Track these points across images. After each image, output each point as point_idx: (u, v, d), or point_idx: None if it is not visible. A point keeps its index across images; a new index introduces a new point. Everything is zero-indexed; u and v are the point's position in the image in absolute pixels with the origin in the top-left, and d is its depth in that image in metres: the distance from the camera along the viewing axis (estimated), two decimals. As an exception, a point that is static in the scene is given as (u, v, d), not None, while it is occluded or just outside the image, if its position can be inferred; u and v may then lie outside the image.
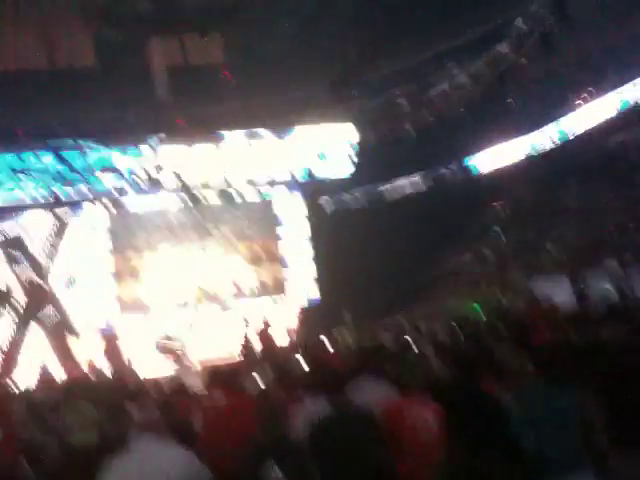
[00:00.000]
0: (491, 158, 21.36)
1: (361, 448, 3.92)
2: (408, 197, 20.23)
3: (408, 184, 21.48)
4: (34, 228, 18.89)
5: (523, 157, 20.38)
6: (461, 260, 19.85)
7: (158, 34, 19.08)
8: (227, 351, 15.97)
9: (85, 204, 18.98)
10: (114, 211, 19.33)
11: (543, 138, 19.91)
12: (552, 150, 19.32)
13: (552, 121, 19.60)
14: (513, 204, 20.48)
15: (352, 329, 13.60)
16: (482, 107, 18.84)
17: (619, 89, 17.88)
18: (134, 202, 19.54)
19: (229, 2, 18.31)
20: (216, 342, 17.64)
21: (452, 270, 19.82)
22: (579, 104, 18.83)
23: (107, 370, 16.63)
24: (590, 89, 18.13)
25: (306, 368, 6.76)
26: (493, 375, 4.73)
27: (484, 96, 18.93)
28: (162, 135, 18.88)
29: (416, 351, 6.41)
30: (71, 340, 18.69)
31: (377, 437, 4.01)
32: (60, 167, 17.79)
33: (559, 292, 10.50)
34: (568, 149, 18.65)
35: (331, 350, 8.01)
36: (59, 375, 16.17)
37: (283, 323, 18.90)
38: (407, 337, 8.36)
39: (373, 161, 19.07)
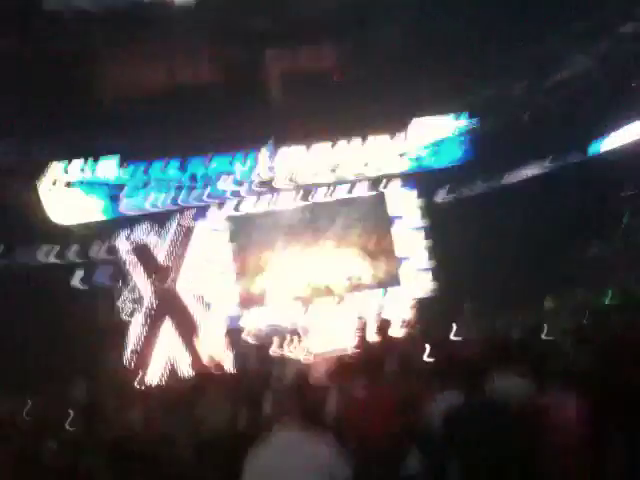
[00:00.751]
0: (618, 142, 20.11)
1: (500, 443, 3.81)
2: (528, 187, 19.45)
3: (528, 173, 20.71)
4: (161, 234, 20.15)
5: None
6: (594, 252, 18.87)
7: (274, 46, 19.66)
8: (343, 345, 16.29)
9: (207, 210, 19.96)
10: (234, 215, 20.19)
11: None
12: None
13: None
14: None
15: (478, 324, 13.29)
16: (606, 92, 17.85)
17: None
18: (252, 205, 20.30)
19: (341, 17, 18.53)
20: (332, 336, 18.04)
21: (584, 263, 18.87)
22: None
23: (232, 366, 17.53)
24: None
25: (436, 362, 6.65)
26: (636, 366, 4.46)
27: (607, 81, 17.92)
28: (277, 140, 19.45)
29: (552, 344, 6.14)
30: (199, 339, 19.72)
31: (516, 432, 3.89)
32: (183, 176, 18.72)
33: None
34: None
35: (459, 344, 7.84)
36: (189, 372, 17.14)
37: (400, 318, 19.02)
38: (539, 330, 8.05)
39: (491, 151, 18.55)
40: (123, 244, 20.02)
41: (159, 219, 19.98)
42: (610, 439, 3.74)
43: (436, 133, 19.56)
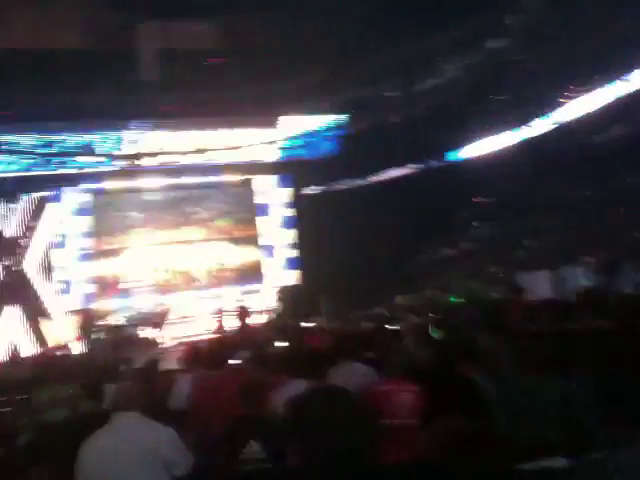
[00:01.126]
0: (477, 152, 21.49)
1: (341, 427, 3.96)
2: (392, 188, 20.28)
3: (393, 176, 21.58)
4: (11, 209, 18.76)
5: (509, 151, 20.53)
6: (443, 253, 20.05)
7: (150, 17, 18.86)
8: (203, 333, 16.20)
9: (65, 188, 18.84)
10: (93, 195, 19.23)
11: (529, 132, 20.06)
12: (537, 145, 19.48)
13: (539, 116, 19.74)
14: (497, 198, 20.70)
15: (331, 316, 13.71)
16: (470, 102, 18.96)
17: (608, 85, 18.00)
18: (114, 186, 19.47)
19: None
20: (193, 325, 17.85)
21: (434, 263, 20.03)
22: (568, 99, 18.96)
23: (80, 350, 16.77)
24: (580, 85, 18.26)
25: (285, 350, 6.78)
26: (470, 361, 4.83)
27: (473, 90, 19.03)
28: (147, 120, 18.76)
29: (395, 338, 6.47)
30: (45, 323, 18.63)
31: (357, 416, 4.07)
32: (42, 149, 17.53)
33: (538, 286, 10.65)
34: (553, 144, 18.81)
35: (310, 334, 8.05)
36: (31, 356, 16.15)
37: (261, 307, 19.19)
38: (387, 326, 8.44)
39: (359, 152, 19.11)
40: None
41: (8, 190, 18.58)
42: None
43: (307, 126, 19.83)
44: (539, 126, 19.64)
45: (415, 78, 18.91)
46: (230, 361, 5.52)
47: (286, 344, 7.32)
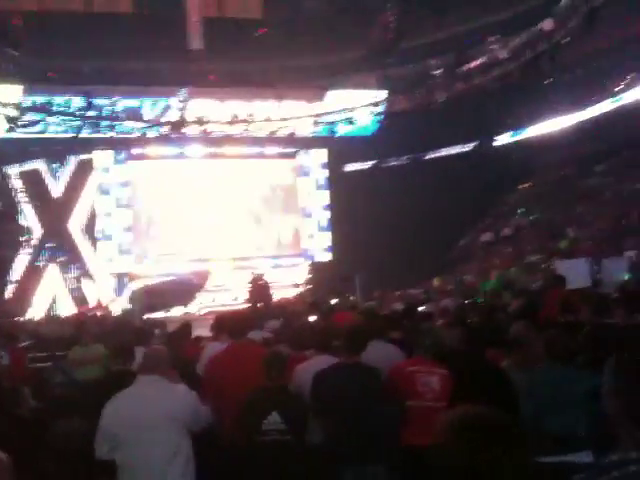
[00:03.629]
0: (524, 136, 21.00)
1: (365, 403, 3.96)
2: (435, 169, 19.99)
3: (437, 156, 21.28)
4: (57, 169, 19.19)
5: (558, 137, 20.00)
6: (484, 238, 19.75)
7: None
8: (237, 303, 16.41)
9: (111, 151, 19.13)
10: (138, 156, 19.50)
11: (578, 120, 19.50)
12: (586, 133, 18.92)
13: (589, 104, 19.15)
14: (543, 185, 20.26)
15: (365, 294, 13.65)
16: (520, 84, 18.46)
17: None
18: (159, 152, 19.69)
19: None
20: (228, 294, 18.10)
21: (474, 247, 19.77)
22: (619, 87, 18.33)
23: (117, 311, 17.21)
24: (632, 72, 17.62)
25: (314, 325, 6.78)
26: (500, 347, 4.75)
27: (523, 73, 18.48)
28: (192, 88, 18.84)
29: (427, 320, 6.39)
30: (87, 283, 19.11)
31: (383, 394, 4.05)
32: (88, 112, 17.77)
33: (578, 277, 10.38)
34: (602, 133, 18.24)
35: (340, 311, 8.04)
36: (71, 315, 16.62)
37: (295, 280, 19.44)
38: (421, 307, 8.36)
39: (403, 130, 18.84)
40: (16, 172, 18.94)
41: (58, 152, 18.96)
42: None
43: (352, 101, 19.59)
44: (592, 111, 19.06)
45: (464, 57, 18.43)
46: (257, 331, 5.55)
47: (315, 319, 7.32)
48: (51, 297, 18.81)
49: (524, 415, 3.65)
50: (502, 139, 21.62)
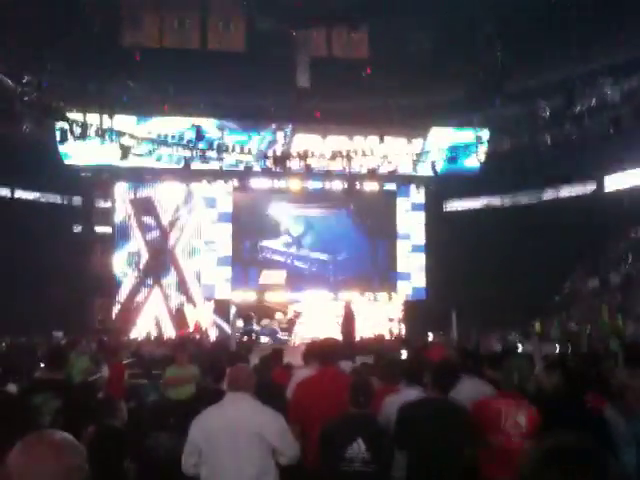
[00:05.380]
0: (631, 182, 19.96)
1: (449, 438, 3.85)
2: (538, 211, 19.35)
3: (538, 197, 20.62)
4: (166, 196, 20.26)
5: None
6: (591, 284, 18.83)
7: (305, 26, 19.50)
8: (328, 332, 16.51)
9: (217, 178, 19.97)
10: (242, 189, 20.28)
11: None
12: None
13: None
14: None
15: (462, 333, 13.32)
16: (630, 128, 17.65)
17: None
18: (261, 184, 20.41)
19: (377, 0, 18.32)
20: (321, 323, 18.35)
21: (579, 293, 18.88)
22: None
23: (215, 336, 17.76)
24: None
25: (406, 359, 6.68)
26: (603, 393, 4.51)
27: (634, 117, 17.67)
28: (297, 124, 19.42)
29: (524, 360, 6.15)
30: (189, 307, 19.85)
31: (466, 430, 3.92)
32: (198, 143, 18.65)
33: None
34: None
35: (433, 347, 7.88)
36: (171, 338, 17.31)
37: (389, 316, 19.44)
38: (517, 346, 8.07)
39: (506, 170, 18.45)
40: (128, 198, 20.16)
41: (168, 179, 20.01)
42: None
43: (453, 142, 19.41)
44: None
45: (570, 99, 17.85)
46: (348, 362, 5.54)
47: (407, 354, 7.22)
48: (153, 319, 19.71)
49: (626, 463, 3.43)
50: (612, 184, 20.68)
